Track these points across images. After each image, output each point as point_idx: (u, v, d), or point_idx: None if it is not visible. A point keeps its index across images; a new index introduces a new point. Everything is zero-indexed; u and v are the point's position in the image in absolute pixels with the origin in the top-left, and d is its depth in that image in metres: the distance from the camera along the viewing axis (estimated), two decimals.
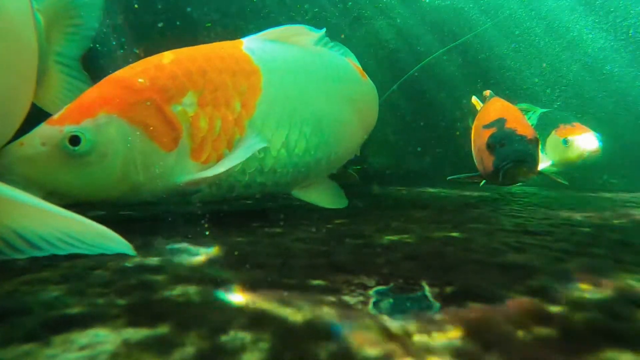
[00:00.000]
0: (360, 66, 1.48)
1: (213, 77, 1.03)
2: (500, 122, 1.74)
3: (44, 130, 0.87)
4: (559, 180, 1.95)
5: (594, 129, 2.80)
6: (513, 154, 1.56)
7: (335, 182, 1.39)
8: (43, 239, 0.55)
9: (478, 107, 2.31)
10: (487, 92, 2.21)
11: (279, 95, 1.11)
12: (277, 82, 1.11)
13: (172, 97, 0.97)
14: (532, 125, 2.87)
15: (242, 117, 1.05)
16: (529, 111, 3.09)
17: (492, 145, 1.64)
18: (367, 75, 1.46)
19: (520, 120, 1.76)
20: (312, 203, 1.27)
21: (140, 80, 0.96)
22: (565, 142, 2.75)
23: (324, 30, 1.33)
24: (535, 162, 1.59)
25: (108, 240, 0.57)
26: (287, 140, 1.12)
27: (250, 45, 1.14)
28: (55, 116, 0.90)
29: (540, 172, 1.76)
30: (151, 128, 0.93)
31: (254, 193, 1.15)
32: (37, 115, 0.92)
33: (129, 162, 0.92)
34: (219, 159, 1.02)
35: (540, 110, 3.10)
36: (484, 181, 2.03)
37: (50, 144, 0.85)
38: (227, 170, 0.97)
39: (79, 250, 0.56)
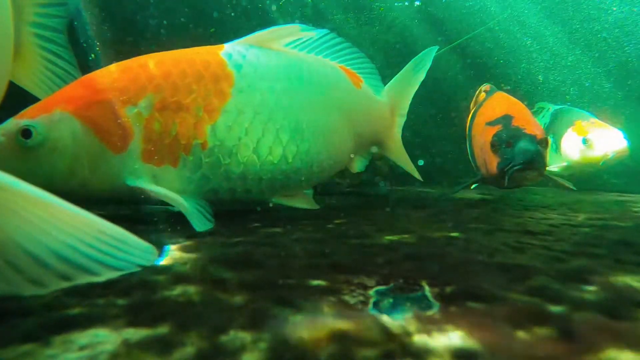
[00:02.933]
0: (373, 70, 1.44)
1: (176, 81, 1.04)
2: (506, 119, 1.59)
3: (8, 122, 0.93)
4: (566, 184, 1.75)
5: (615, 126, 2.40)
6: (521, 155, 1.42)
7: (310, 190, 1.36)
8: (53, 253, 0.47)
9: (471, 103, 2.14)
10: (487, 87, 2.06)
11: (251, 101, 1.10)
12: (250, 87, 1.11)
13: (129, 100, 1.00)
14: (545, 123, 2.77)
15: (203, 122, 1.05)
16: (543, 109, 2.87)
17: (497, 145, 1.51)
18: (362, 84, 1.41)
19: (528, 117, 1.63)
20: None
21: (102, 81, 1.00)
22: (585, 141, 2.37)
23: (326, 31, 1.32)
24: (544, 164, 1.47)
25: (131, 247, 0.52)
26: (258, 147, 1.10)
27: (229, 50, 1.14)
28: (25, 110, 0.96)
29: (546, 175, 1.61)
30: (102, 128, 0.97)
31: (224, 199, 1.13)
32: None
33: (77, 159, 0.96)
34: (175, 162, 1.03)
35: (554, 107, 2.81)
36: (475, 184, 1.94)
37: (7, 135, 0.92)
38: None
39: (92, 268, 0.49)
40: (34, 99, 1.13)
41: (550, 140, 2.35)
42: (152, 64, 1.06)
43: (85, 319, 0.47)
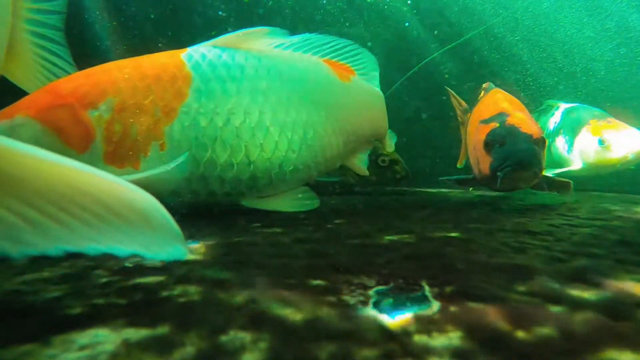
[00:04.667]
0: (375, 67, 1.40)
1: (136, 83, 1.05)
2: (501, 116, 1.49)
3: None
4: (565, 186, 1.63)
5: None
6: (515, 156, 1.33)
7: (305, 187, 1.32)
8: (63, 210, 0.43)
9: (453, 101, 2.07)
10: (486, 84, 1.98)
11: (209, 101, 1.09)
12: (209, 87, 1.10)
13: (90, 103, 1.01)
14: (556, 122, 2.64)
15: (161, 123, 1.05)
16: (552, 107, 2.75)
17: (491, 144, 1.41)
18: (352, 76, 1.35)
19: (525, 115, 1.54)
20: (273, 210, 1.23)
21: (64, 87, 1.02)
22: (602, 142, 2.21)
23: (318, 34, 1.29)
24: (540, 166, 1.36)
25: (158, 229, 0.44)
26: (216, 147, 1.10)
27: (190, 52, 1.15)
28: None
29: (546, 177, 1.52)
30: (63, 130, 0.98)
31: (188, 199, 1.12)
32: None
33: None
34: (136, 164, 1.04)
35: (565, 105, 2.66)
36: (472, 187, 1.87)
37: None
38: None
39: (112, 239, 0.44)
40: None
41: (548, 140, 2.27)
42: (114, 68, 1.07)
43: (85, 319, 0.47)
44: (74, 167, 0.44)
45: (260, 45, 1.22)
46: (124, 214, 0.45)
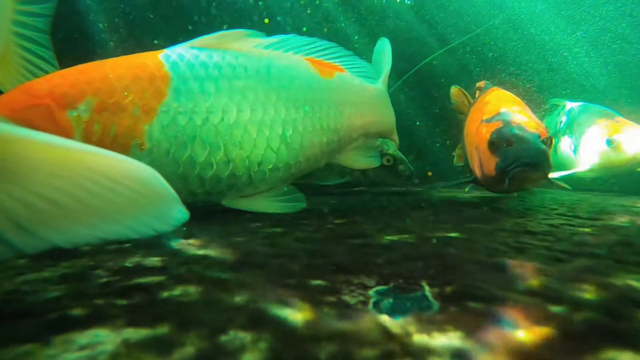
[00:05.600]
0: (356, 60, 1.38)
1: (114, 83, 1.05)
2: (505, 115, 1.44)
3: None
4: (561, 184, 1.66)
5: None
6: (525, 156, 1.28)
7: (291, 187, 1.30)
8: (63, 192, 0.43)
9: (456, 99, 2.02)
10: (482, 83, 1.93)
11: (188, 100, 1.09)
12: (187, 86, 1.10)
13: (68, 103, 1.00)
14: (562, 122, 2.57)
15: (140, 122, 1.05)
16: (558, 106, 2.68)
17: (497, 144, 1.36)
18: (336, 72, 1.33)
19: (530, 114, 1.49)
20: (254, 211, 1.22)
21: (41, 87, 1.00)
22: (610, 142, 2.15)
23: (301, 35, 1.28)
24: (550, 166, 1.32)
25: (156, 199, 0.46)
26: (195, 146, 1.09)
27: (168, 52, 1.14)
28: None
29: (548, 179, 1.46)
30: (40, 130, 0.97)
31: None
32: None
33: None
34: None
35: (571, 104, 2.58)
36: (468, 187, 1.83)
37: None
38: None
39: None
40: None
41: (554, 140, 2.17)
42: (92, 69, 1.07)
43: (85, 319, 0.47)
44: (72, 146, 0.45)
45: (238, 46, 1.22)
46: (127, 184, 0.46)
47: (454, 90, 2.07)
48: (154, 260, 0.71)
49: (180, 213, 0.48)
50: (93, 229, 0.45)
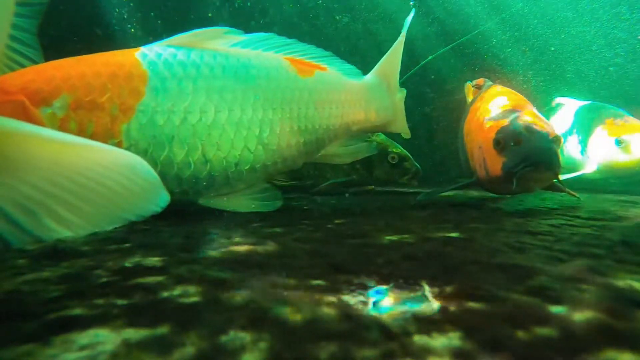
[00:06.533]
0: (334, 58, 1.36)
1: (91, 81, 1.03)
2: (512, 113, 1.38)
3: None
4: (571, 192, 1.56)
5: None
6: (535, 155, 1.22)
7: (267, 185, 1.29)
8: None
9: (470, 97, 1.94)
10: (482, 80, 1.88)
11: (166, 99, 1.09)
12: (166, 86, 1.09)
13: (43, 100, 0.98)
14: (568, 121, 2.48)
15: (118, 121, 1.04)
16: (564, 105, 2.60)
17: (503, 143, 1.30)
18: (318, 70, 1.31)
19: (536, 112, 1.42)
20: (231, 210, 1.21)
21: (14, 83, 0.98)
22: (619, 142, 2.07)
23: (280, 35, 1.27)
24: (560, 166, 1.27)
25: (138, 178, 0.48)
26: (173, 146, 1.09)
27: (145, 51, 1.14)
28: None
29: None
30: None
31: None
32: None
33: None
34: None
35: (577, 103, 2.47)
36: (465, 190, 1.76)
37: None
38: None
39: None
40: None
41: (562, 139, 2.14)
42: (67, 65, 1.05)
43: (85, 319, 0.47)
44: (65, 138, 0.46)
45: (215, 44, 1.21)
46: (113, 169, 0.49)
47: (468, 86, 2.02)
48: (154, 260, 0.71)
49: (164, 197, 0.52)
50: (88, 218, 0.46)
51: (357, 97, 1.42)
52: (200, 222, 1.11)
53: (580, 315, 0.49)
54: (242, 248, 0.82)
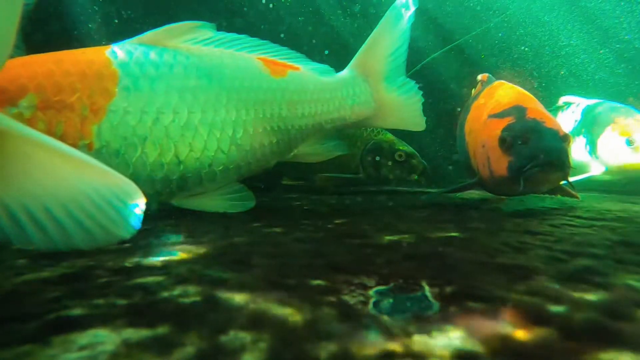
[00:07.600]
0: (304, 58, 1.35)
1: (59, 80, 1.00)
2: (518, 110, 1.29)
3: None
4: (572, 192, 1.49)
5: None
6: (544, 153, 1.15)
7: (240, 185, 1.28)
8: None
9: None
10: (485, 76, 1.80)
11: (138, 99, 1.07)
12: (136, 85, 1.08)
13: (8, 99, 0.95)
14: (576, 121, 2.38)
15: (89, 122, 1.02)
16: (571, 104, 2.50)
17: (509, 141, 1.22)
18: (292, 71, 1.30)
19: (544, 109, 1.34)
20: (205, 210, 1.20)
21: None
22: (630, 142, 1.99)
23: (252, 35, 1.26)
24: (569, 165, 1.20)
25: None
26: (145, 147, 1.07)
27: (116, 49, 1.11)
28: None
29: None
30: None
31: None
32: None
33: None
34: None
35: (585, 102, 2.37)
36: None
37: None
38: None
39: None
40: None
41: (572, 138, 1.99)
42: (33, 63, 1.02)
43: (85, 319, 0.47)
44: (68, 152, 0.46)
45: (188, 40, 1.19)
46: (106, 192, 0.50)
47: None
48: (154, 260, 0.71)
49: (137, 224, 0.52)
50: (63, 235, 0.46)
51: (330, 96, 1.40)
52: (200, 221, 1.11)
53: (580, 315, 0.49)
54: (242, 248, 0.82)
